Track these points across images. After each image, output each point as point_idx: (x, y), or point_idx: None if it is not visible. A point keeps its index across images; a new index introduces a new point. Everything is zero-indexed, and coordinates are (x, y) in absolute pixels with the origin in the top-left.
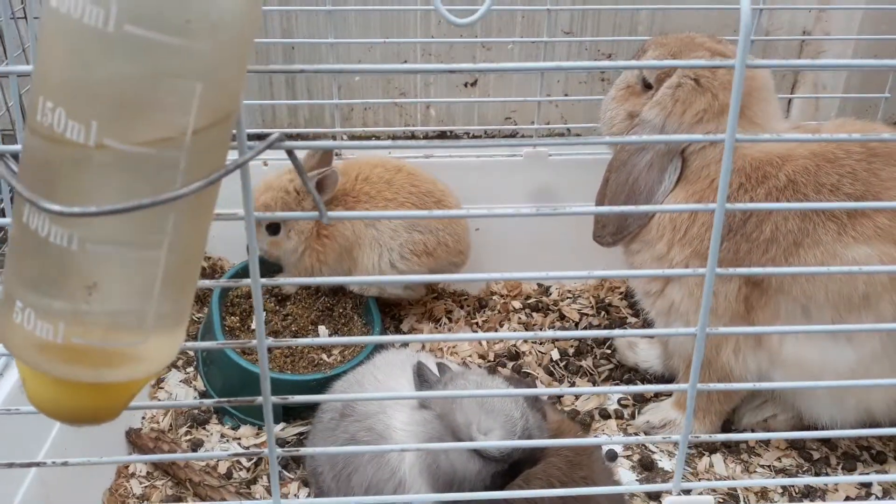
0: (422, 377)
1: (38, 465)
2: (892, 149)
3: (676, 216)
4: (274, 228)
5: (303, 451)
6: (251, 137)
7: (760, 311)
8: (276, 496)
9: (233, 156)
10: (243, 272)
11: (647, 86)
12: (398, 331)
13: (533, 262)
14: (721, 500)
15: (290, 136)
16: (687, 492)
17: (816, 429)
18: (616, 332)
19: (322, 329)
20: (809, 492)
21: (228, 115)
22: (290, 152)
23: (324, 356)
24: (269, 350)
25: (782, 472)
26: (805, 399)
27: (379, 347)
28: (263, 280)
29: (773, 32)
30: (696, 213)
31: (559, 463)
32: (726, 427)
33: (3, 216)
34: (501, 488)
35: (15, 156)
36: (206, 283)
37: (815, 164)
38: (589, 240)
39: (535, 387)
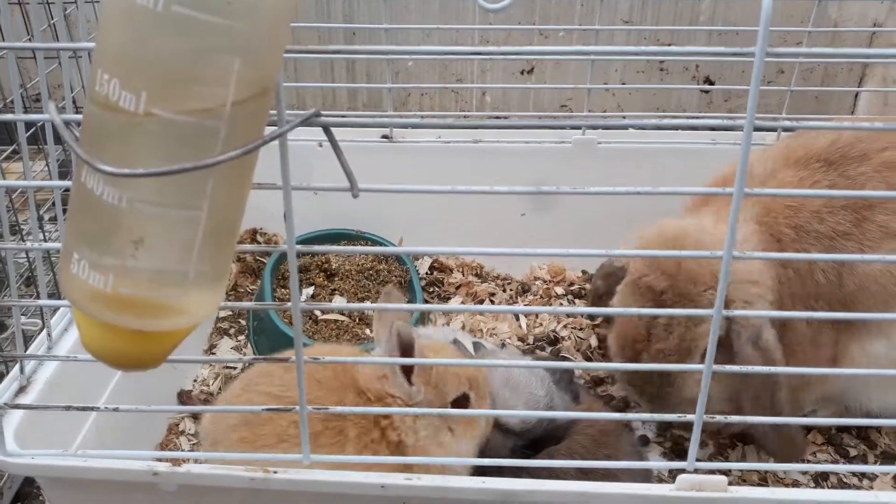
0: None
1: (93, 409)
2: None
3: None
4: None
5: (332, 409)
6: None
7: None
8: (306, 451)
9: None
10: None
11: None
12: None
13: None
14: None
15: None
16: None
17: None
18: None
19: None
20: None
21: (265, 90)
22: (325, 129)
23: (367, 331)
24: (310, 317)
25: None
26: (856, 389)
27: (419, 323)
28: (299, 246)
29: (841, 24)
30: None
31: (584, 441)
32: None
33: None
34: None
35: (79, 124)
36: (246, 247)
37: (797, 178)
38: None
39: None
